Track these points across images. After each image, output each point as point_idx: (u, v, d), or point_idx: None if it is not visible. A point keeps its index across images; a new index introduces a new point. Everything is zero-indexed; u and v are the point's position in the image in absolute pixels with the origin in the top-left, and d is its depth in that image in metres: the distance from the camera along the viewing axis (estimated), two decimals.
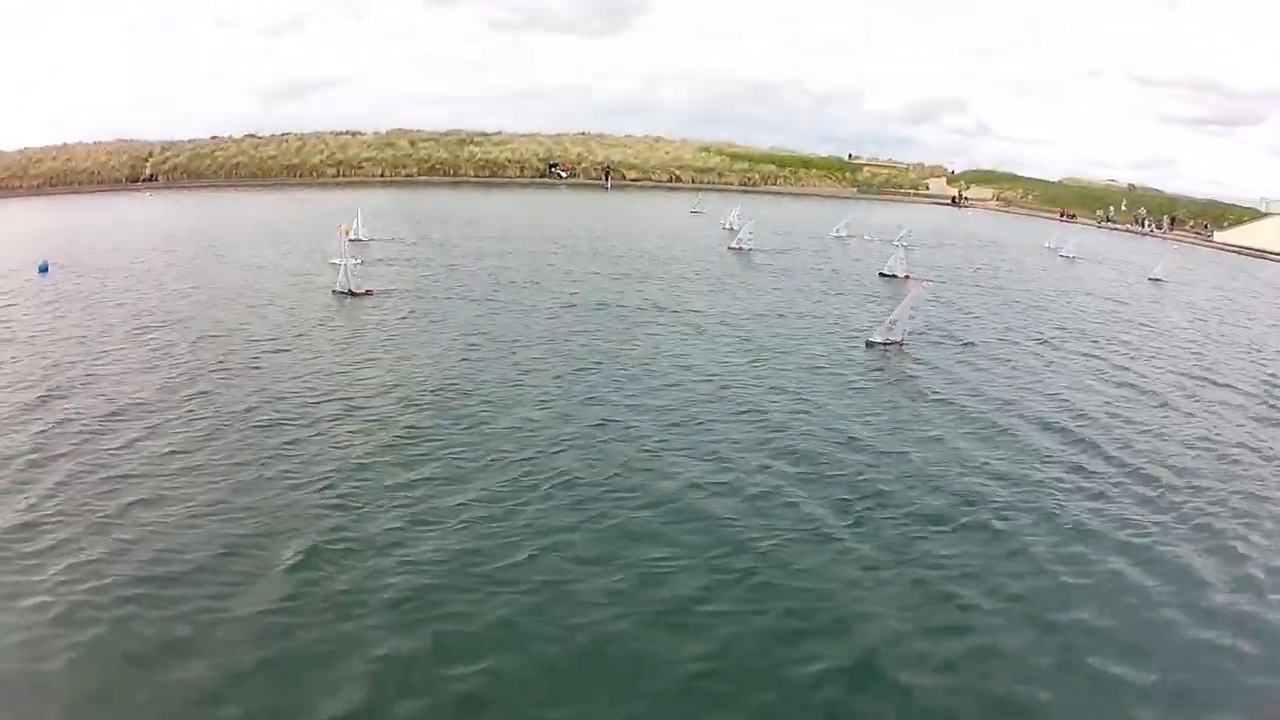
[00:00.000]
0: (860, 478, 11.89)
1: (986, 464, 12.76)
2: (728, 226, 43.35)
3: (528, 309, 22.37)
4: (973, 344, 20.79)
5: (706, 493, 11.10)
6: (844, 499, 11.14)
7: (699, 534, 9.96)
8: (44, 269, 25.97)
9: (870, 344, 19.66)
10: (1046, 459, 13.18)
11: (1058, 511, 11.18)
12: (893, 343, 19.59)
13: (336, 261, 23.53)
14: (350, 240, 30.48)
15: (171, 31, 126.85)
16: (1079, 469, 12.86)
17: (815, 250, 38.75)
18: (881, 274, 31.90)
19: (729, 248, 36.57)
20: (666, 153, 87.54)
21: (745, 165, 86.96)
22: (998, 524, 10.70)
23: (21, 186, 62.93)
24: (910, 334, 19.99)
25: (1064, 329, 23.87)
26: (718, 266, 32.15)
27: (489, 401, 14.52)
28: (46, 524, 9.59)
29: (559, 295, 24.31)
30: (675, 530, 10.03)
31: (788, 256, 35.58)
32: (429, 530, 9.77)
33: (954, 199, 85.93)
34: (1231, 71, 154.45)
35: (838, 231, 44.47)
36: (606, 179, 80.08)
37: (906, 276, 30.75)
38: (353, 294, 22.75)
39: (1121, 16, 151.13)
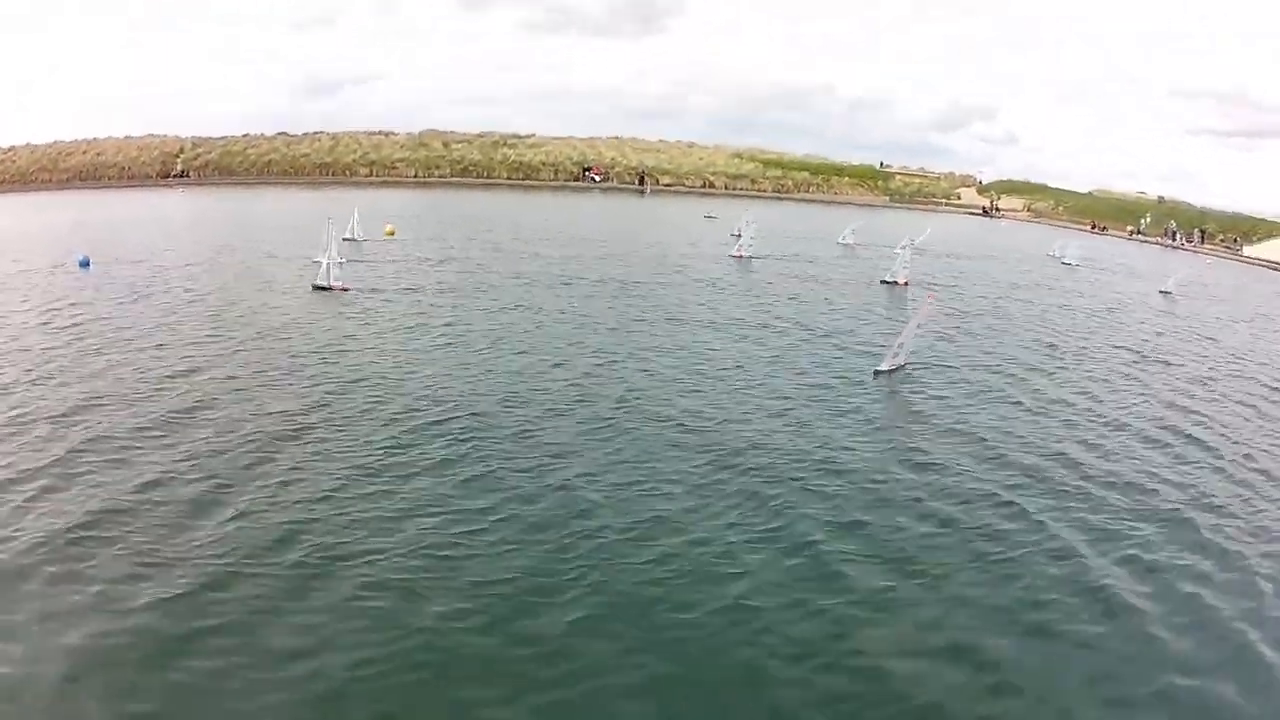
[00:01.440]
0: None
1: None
2: (736, 233, 42.96)
3: (493, 307, 22.62)
4: (956, 367, 19.31)
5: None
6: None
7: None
8: (85, 264, 26.21)
9: (878, 373, 17.88)
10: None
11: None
12: (899, 368, 18.08)
13: (319, 259, 24.06)
14: (345, 240, 31.15)
15: (200, 27, 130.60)
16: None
17: (819, 257, 38.25)
18: (883, 281, 31.28)
19: (730, 255, 36.34)
20: (700, 159, 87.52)
21: (778, 172, 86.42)
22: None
23: (51, 180, 64.60)
24: (910, 354, 18.68)
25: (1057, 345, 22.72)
26: (715, 274, 31.70)
27: (396, 394, 14.62)
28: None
29: (522, 296, 24.65)
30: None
31: (789, 263, 35.16)
32: None
33: (985, 209, 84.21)
34: (1260, 84, 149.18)
35: (844, 238, 43.97)
36: (643, 184, 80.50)
37: (906, 283, 30.33)
38: (329, 289, 23.29)
39: (1147, 25, 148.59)
